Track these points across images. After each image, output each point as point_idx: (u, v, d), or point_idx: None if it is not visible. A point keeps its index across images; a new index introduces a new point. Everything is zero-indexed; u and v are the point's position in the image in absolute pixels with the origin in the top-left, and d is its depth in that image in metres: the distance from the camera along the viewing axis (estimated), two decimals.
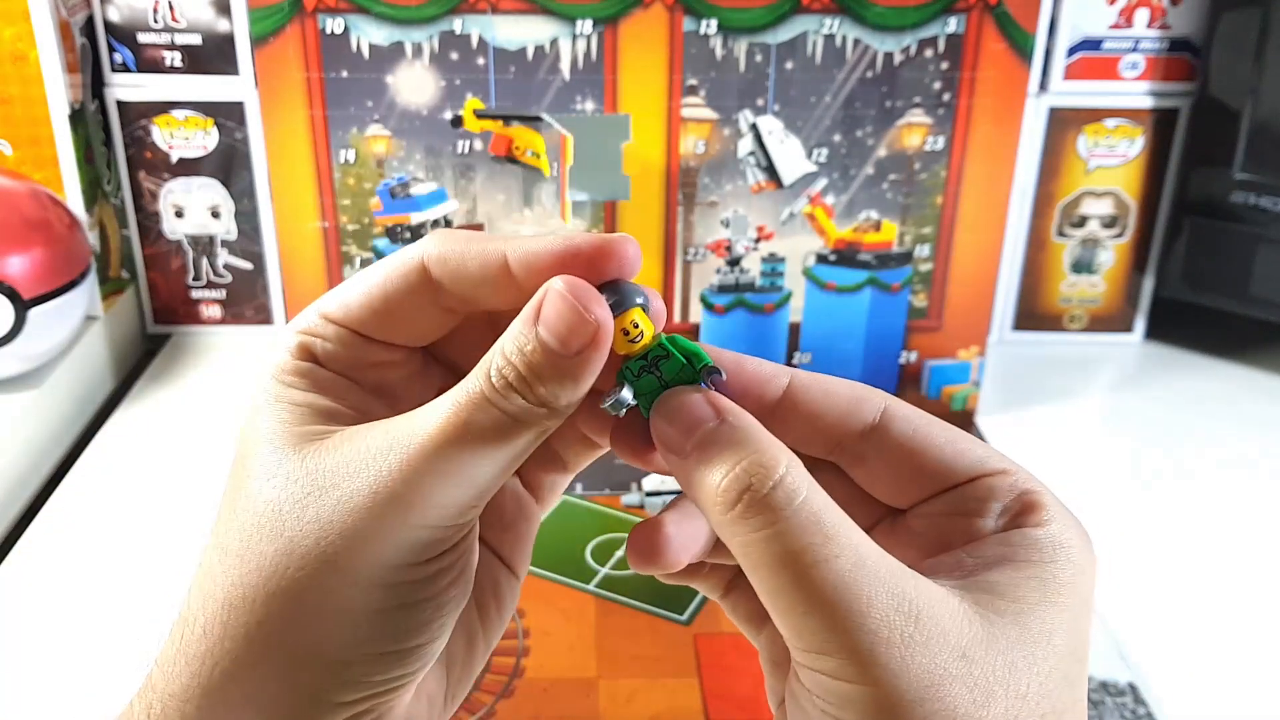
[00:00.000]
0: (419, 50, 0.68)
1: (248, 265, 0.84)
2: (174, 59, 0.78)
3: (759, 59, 0.69)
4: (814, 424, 0.29)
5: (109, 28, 0.77)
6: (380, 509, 0.26)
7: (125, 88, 0.79)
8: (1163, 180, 0.83)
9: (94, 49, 0.77)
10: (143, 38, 0.77)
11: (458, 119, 0.70)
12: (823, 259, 0.73)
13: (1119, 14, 0.79)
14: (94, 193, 0.78)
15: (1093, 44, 0.80)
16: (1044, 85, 0.81)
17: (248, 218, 0.82)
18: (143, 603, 0.57)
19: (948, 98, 0.70)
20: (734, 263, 0.73)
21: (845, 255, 0.73)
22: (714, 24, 0.68)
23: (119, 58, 0.78)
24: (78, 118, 0.75)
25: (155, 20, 0.77)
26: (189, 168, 0.81)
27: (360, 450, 0.26)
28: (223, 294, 0.84)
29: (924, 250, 0.73)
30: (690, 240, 0.73)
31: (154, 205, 0.82)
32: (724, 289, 0.74)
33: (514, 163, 0.71)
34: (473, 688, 0.53)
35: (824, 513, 0.25)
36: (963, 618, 0.24)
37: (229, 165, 0.81)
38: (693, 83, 0.69)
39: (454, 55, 0.69)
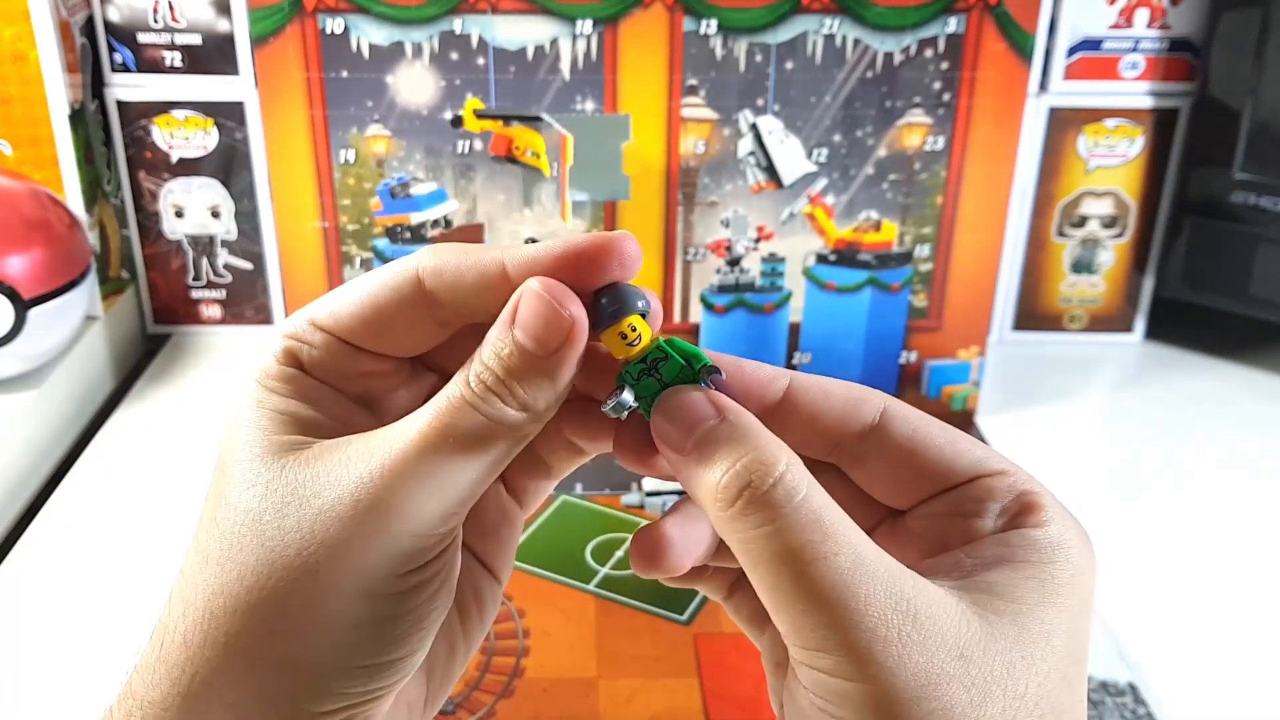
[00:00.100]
0: (419, 50, 0.68)
1: (248, 265, 0.84)
2: (174, 59, 0.78)
3: (759, 59, 0.69)
4: (814, 426, 0.29)
5: (109, 28, 0.77)
6: (362, 517, 0.26)
7: (125, 88, 0.79)
8: (1163, 180, 0.83)
9: (94, 49, 0.77)
10: (143, 38, 0.77)
11: (458, 119, 0.70)
12: (823, 259, 0.73)
13: (1119, 14, 0.79)
14: (94, 193, 0.78)
15: (1093, 44, 0.80)
16: (1044, 85, 0.81)
17: (248, 218, 0.82)
18: (142, 603, 0.57)
19: (948, 98, 0.70)
20: (734, 263, 0.73)
21: (845, 255, 0.73)
22: (714, 24, 0.68)
23: (119, 58, 0.78)
24: (78, 118, 0.75)
25: (155, 20, 0.77)
26: (189, 168, 0.81)
27: (340, 460, 0.26)
28: (223, 294, 0.84)
29: (924, 250, 0.73)
30: (690, 240, 0.73)
31: (154, 205, 0.82)
32: (724, 289, 0.74)
33: (514, 163, 0.71)
34: (473, 688, 0.53)
35: (823, 510, 0.25)
36: (961, 618, 0.24)
37: (229, 165, 0.81)
38: (693, 83, 0.69)
39: (454, 55, 0.69)
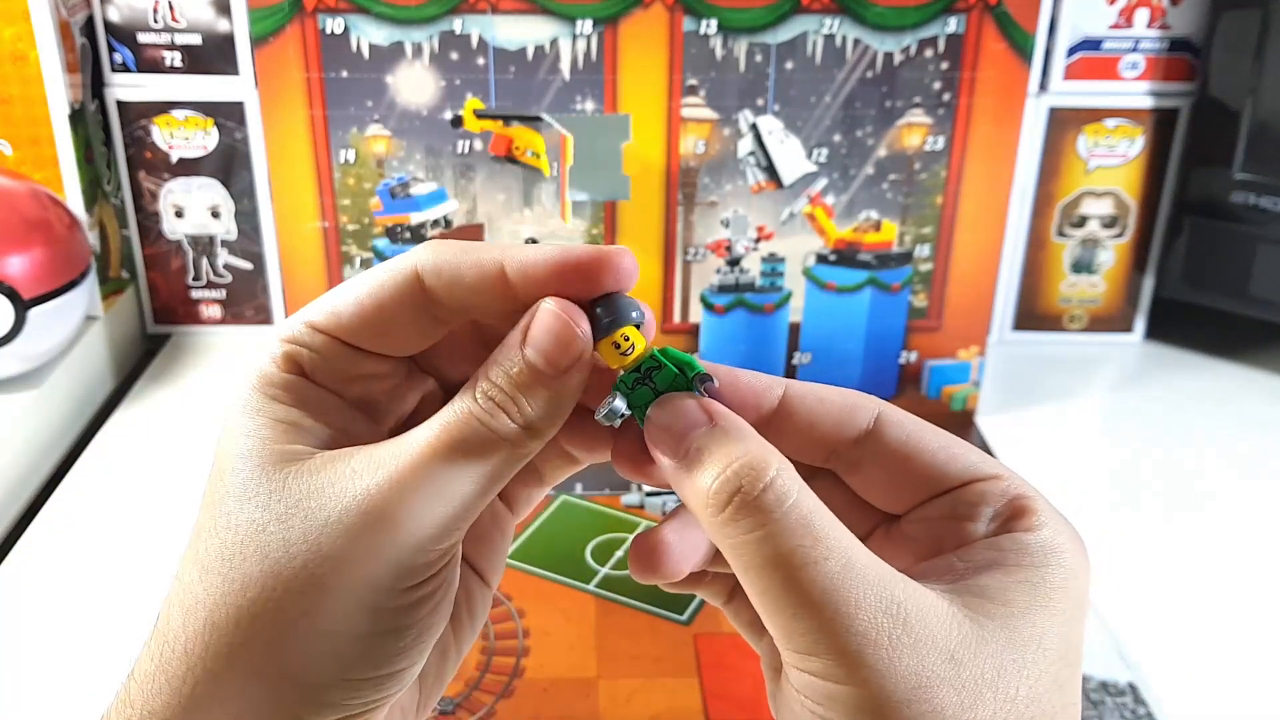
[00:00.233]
0: (419, 50, 0.68)
1: (248, 265, 0.84)
2: (174, 59, 0.78)
3: (759, 59, 0.69)
4: (809, 433, 0.29)
5: (109, 28, 0.77)
6: (368, 530, 0.26)
7: (125, 88, 0.79)
8: (1163, 180, 0.83)
9: (94, 49, 0.77)
10: (143, 38, 0.77)
11: (458, 119, 0.70)
12: (823, 259, 0.73)
13: (1119, 14, 0.79)
14: (94, 193, 0.78)
15: (1093, 44, 0.80)
16: (1044, 85, 0.81)
17: (248, 218, 0.82)
18: (142, 603, 0.57)
19: (948, 98, 0.70)
20: (734, 263, 0.73)
21: (845, 255, 0.73)
22: (714, 24, 0.68)
23: (119, 58, 0.78)
24: (78, 118, 0.75)
25: (155, 20, 0.77)
26: (189, 168, 0.81)
27: (345, 472, 0.26)
28: (223, 294, 0.84)
29: (924, 250, 0.73)
30: (690, 240, 0.73)
31: (154, 205, 0.82)
32: (724, 289, 0.74)
33: (514, 163, 0.71)
34: (473, 688, 0.53)
35: (814, 515, 0.25)
36: (952, 621, 0.24)
37: (229, 165, 0.81)
38: (693, 83, 0.69)
39: (454, 55, 0.69)
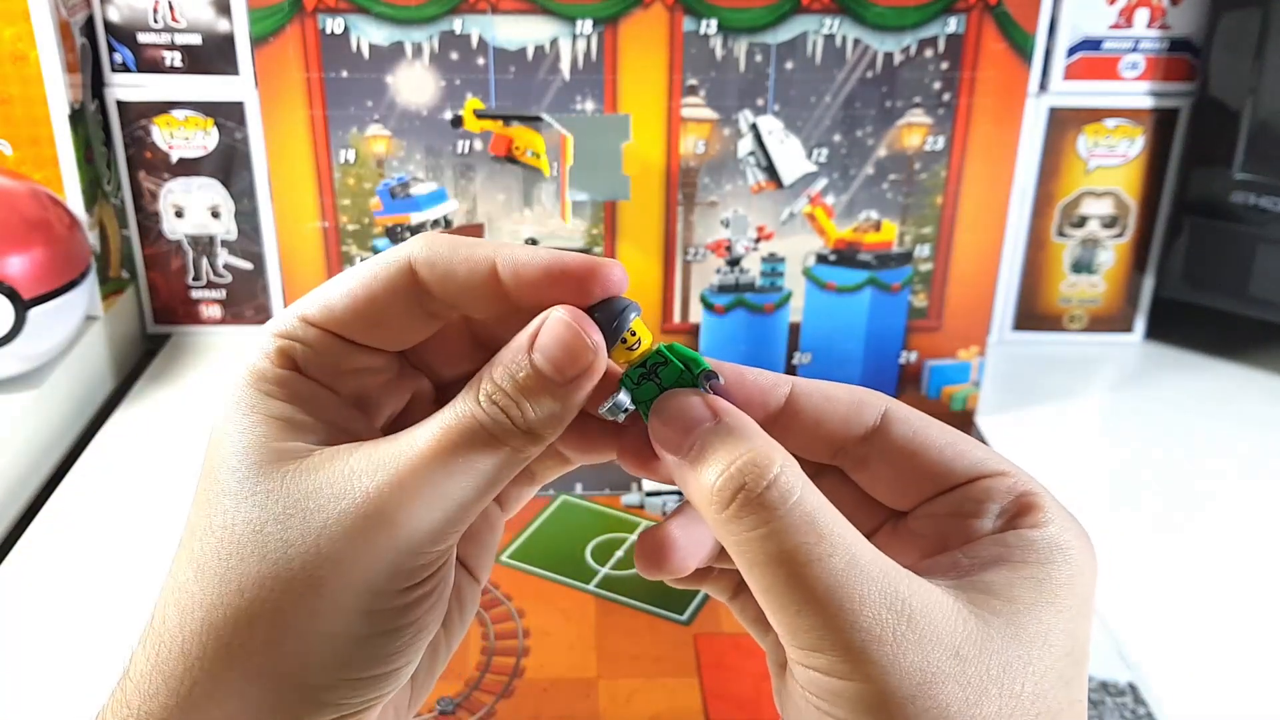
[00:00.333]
0: (419, 50, 0.68)
1: (248, 265, 0.84)
2: (174, 59, 0.78)
3: (759, 59, 0.69)
4: (816, 430, 0.29)
5: (109, 28, 0.77)
6: (369, 532, 0.26)
7: (125, 88, 0.79)
8: (1163, 180, 0.83)
9: (94, 49, 0.77)
10: (143, 38, 0.77)
11: (458, 119, 0.70)
12: (823, 259, 0.73)
13: (1119, 14, 0.79)
14: (94, 193, 0.78)
15: (1093, 44, 0.80)
16: (1044, 85, 0.81)
17: (248, 218, 0.82)
18: (142, 603, 0.57)
19: (948, 98, 0.70)
20: (734, 263, 0.73)
21: (845, 255, 0.73)
22: (714, 24, 0.68)
23: (119, 58, 0.78)
24: (78, 118, 0.75)
25: (155, 20, 0.77)
26: (189, 168, 0.81)
27: (344, 472, 0.26)
28: (223, 294, 0.84)
29: (924, 250, 0.73)
30: (690, 240, 0.73)
31: (154, 205, 0.82)
32: (724, 289, 0.74)
33: (514, 163, 0.71)
34: (473, 688, 0.53)
35: (818, 512, 0.25)
36: (957, 617, 0.24)
37: (229, 165, 0.81)
38: (693, 83, 0.69)
39: (454, 55, 0.69)
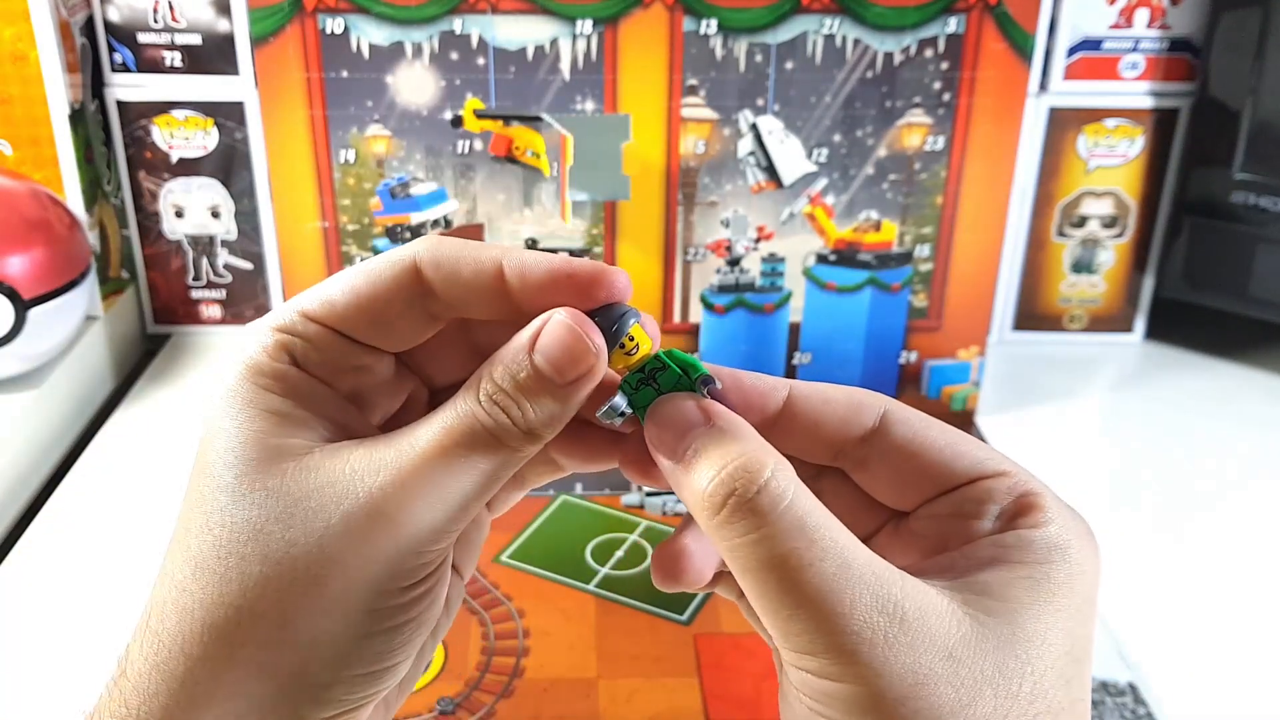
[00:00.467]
0: (419, 50, 0.68)
1: (248, 265, 0.84)
2: (174, 59, 0.78)
3: (759, 59, 0.69)
4: (815, 433, 0.29)
5: (109, 28, 0.77)
6: (372, 532, 0.26)
7: (125, 88, 0.79)
8: (1163, 180, 0.83)
9: (94, 49, 0.77)
10: (143, 38, 0.77)
11: (458, 119, 0.70)
12: (823, 259, 0.73)
13: (1119, 14, 0.79)
14: (94, 193, 0.78)
15: (1093, 44, 0.80)
16: (1044, 85, 0.81)
17: (248, 218, 0.82)
18: (142, 603, 0.57)
19: (948, 98, 0.70)
20: (734, 263, 0.73)
21: (845, 255, 0.73)
22: (714, 24, 0.68)
23: (119, 58, 0.78)
24: (78, 118, 0.75)
25: (155, 20, 0.77)
26: (189, 168, 0.81)
27: (346, 471, 0.26)
28: (223, 294, 0.84)
29: (924, 250, 0.73)
30: (690, 240, 0.73)
31: (154, 205, 0.82)
32: (724, 289, 0.74)
33: (514, 163, 0.71)
34: (473, 688, 0.53)
35: (809, 516, 0.25)
36: (951, 619, 0.24)
37: (229, 165, 0.81)
38: (693, 83, 0.69)
39: (454, 55, 0.69)
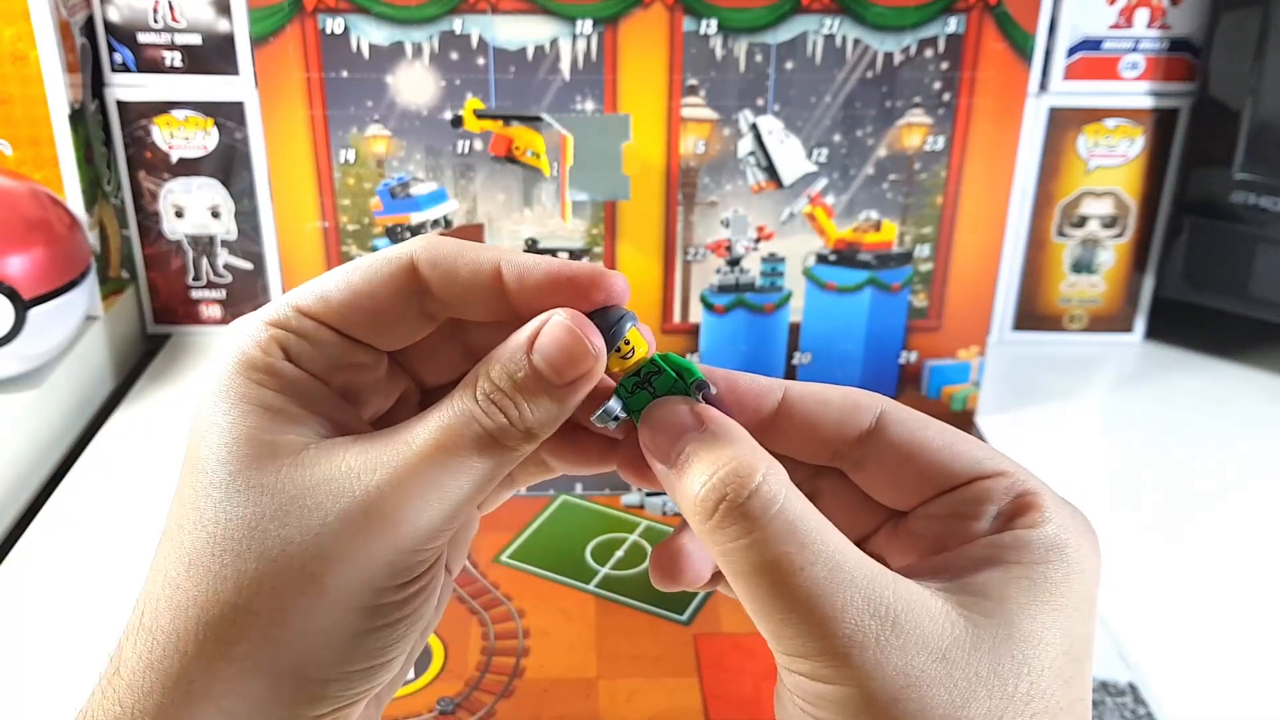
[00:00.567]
0: (419, 50, 0.68)
1: (248, 265, 0.84)
2: (174, 59, 0.78)
3: (759, 59, 0.69)
4: (810, 434, 0.29)
5: (109, 28, 0.77)
6: (368, 529, 0.26)
7: (125, 88, 0.79)
8: (1163, 180, 0.83)
9: (94, 49, 0.77)
10: (143, 38, 0.77)
11: (458, 119, 0.70)
12: (823, 259, 0.73)
13: (1119, 14, 0.79)
14: (94, 193, 0.78)
15: (1093, 44, 0.80)
16: (1044, 85, 0.81)
17: (248, 218, 0.82)
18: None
19: (948, 98, 0.70)
20: (734, 263, 0.73)
21: (845, 255, 0.73)
22: (714, 24, 0.68)
23: (119, 58, 0.78)
24: (78, 118, 0.75)
25: (155, 20, 0.77)
26: (189, 168, 0.81)
27: (342, 469, 0.26)
28: (223, 294, 0.84)
29: (924, 250, 0.73)
30: (690, 240, 0.73)
31: (154, 205, 0.82)
32: (724, 289, 0.74)
33: (514, 163, 0.71)
34: (473, 688, 0.53)
35: (800, 520, 0.25)
36: (945, 620, 0.24)
37: (229, 165, 0.81)
38: (693, 83, 0.69)
39: (454, 55, 0.69)
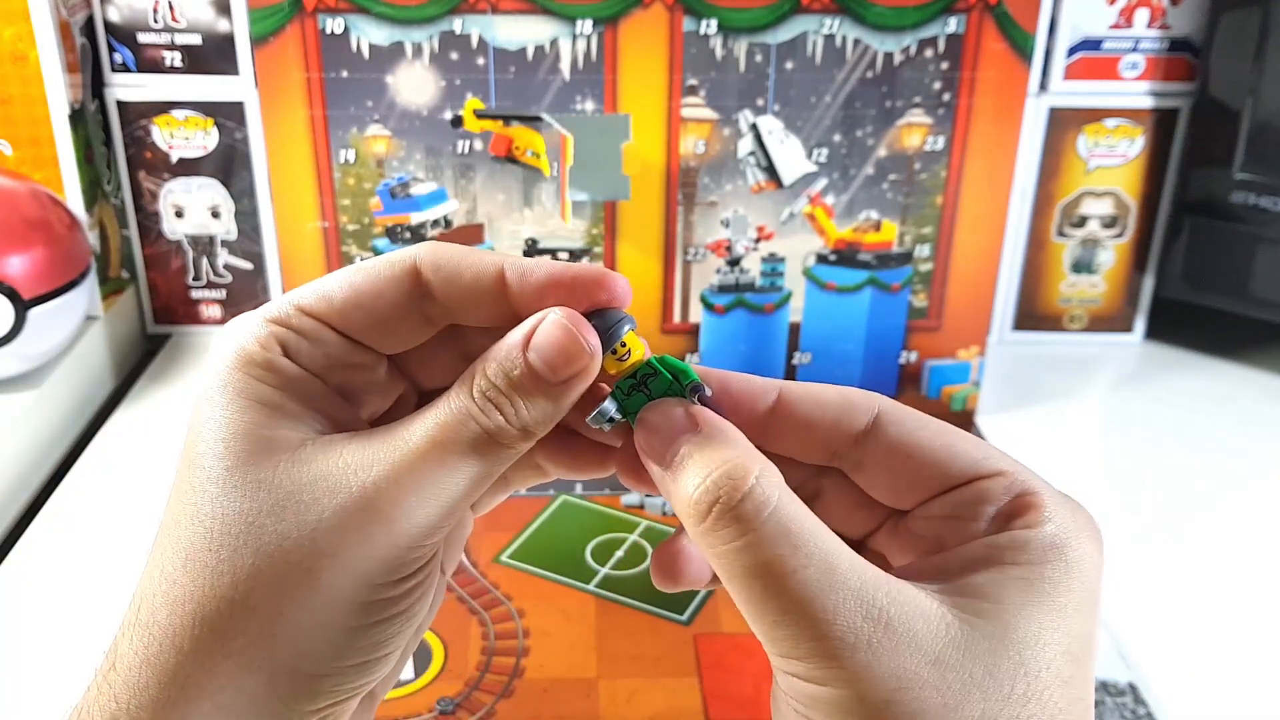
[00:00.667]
0: (419, 50, 0.68)
1: (248, 265, 0.84)
2: (174, 59, 0.78)
3: (759, 59, 0.69)
4: (807, 434, 0.29)
5: (109, 28, 0.77)
6: (365, 526, 0.26)
7: (125, 88, 0.79)
8: (1163, 180, 0.83)
9: (94, 49, 0.77)
10: (143, 38, 0.77)
11: (458, 119, 0.70)
12: (823, 259, 0.73)
13: (1119, 14, 0.79)
14: (94, 193, 0.78)
15: (1093, 44, 0.80)
16: (1044, 85, 0.81)
17: (248, 218, 0.82)
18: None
19: (948, 98, 0.70)
20: (734, 263, 0.73)
21: (845, 255, 0.73)
22: (714, 24, 0.68)
23: (119, 58, 0.78)
24: (78, 118, 0.75)
25: (155, 20, 0.77)
26: (189, 168, 0.81)
27: (339, 466, 0.26)
28: (223, 294, 0.84)
29: (924, 250, 0.73)
30: (690, 240, 0.73)
31: (154, 205, 0.82)
32: (724, 289, 0.74)
33: (514, 163, 0.71)
34: (473, 688, 0.53)
35: (793, 523, 0.25)
36: (939, 622, 0.24)
37: (229, 165, 0.81)
38: (693, 83, 0.69)
39: (454, 55, 0.69)
